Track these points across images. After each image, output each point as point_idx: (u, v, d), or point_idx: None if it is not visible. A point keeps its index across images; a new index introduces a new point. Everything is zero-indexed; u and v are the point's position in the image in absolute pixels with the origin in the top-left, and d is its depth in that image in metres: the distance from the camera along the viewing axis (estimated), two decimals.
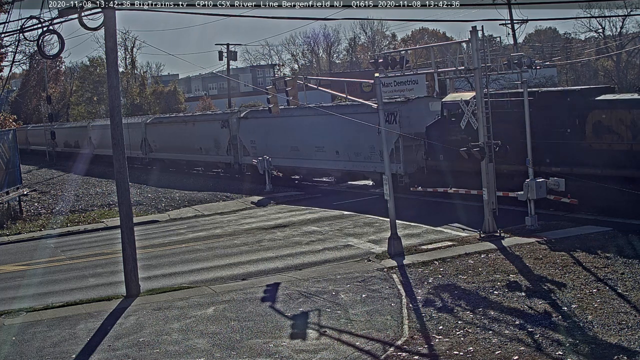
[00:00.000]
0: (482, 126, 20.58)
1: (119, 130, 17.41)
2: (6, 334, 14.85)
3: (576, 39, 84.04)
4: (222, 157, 42.51)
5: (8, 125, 38.06)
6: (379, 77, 21.05)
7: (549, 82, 54.08)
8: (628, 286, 14.77)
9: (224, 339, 13.56)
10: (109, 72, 17.62)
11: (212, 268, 20.17)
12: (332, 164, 34.15)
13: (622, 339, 11.94)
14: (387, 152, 20.09)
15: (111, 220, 29.14)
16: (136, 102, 79.42)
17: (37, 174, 54.61)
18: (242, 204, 32.05)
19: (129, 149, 53.77)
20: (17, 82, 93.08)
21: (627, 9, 68.22)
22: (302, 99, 27.01)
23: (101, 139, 55.62)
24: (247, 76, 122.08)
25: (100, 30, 17.15)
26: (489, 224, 20.64)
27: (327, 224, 25.34)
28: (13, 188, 33.03)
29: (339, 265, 18.89)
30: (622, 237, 18.85)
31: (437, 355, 12.07)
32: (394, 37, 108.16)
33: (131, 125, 53.26)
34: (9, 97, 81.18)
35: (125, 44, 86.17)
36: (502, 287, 15.49)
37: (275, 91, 25.60)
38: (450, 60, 22.39)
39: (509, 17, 50.67)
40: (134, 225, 17.81)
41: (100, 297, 17.47)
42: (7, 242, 27.01)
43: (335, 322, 14.18)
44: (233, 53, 69.49)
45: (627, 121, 21.73)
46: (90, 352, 13.42)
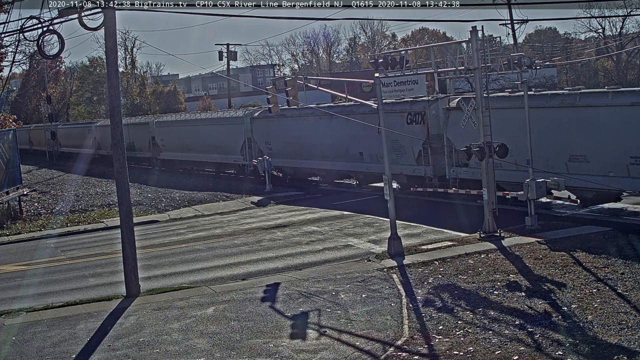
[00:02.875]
0: (481, 126, 20.57)
1: (118, 130, 17.41)
2: (6, 334, 14.85)
3: (576, 39, 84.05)
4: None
5: (8, 125, 38.03)
6: (379, 77, 21.04)
7: (549, 82, 54.08)
8: (628, 286, 14.77)
9: (224, 339, 13.56)
10: (109, 72, 17.62)
11: (212, 268, 20.17)
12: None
13: (622, 339, 11.93)
14: (387, 152, 20.04)
15: (111, 220, 29.14)
16: (136, 102, 79.40)
17: (37, 174, 54.59)
18: (242, 204, 32.05)
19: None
20: (17, 82, 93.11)
21: (627, 9, 68.24)
22: (302, 99, 27.08)
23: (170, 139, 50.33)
24: (247, 76, 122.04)
25: (100, 30, 17.17)
26: (489, 224, 20.64)
27: (327, 224, 25.34)
28: (13, 188, 33.04)
29: (339, 265, 18.88)
30: (622, 237, 18.85)
31: (437, 355, 12.07)
32: (394, 37, 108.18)
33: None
34: (9, 97, 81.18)
35: (125, 44, 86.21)
36: (502, 287, 15.49)
37: (275, 91, 25.63)
38: (450, 60, 22.39)
39: (509, 17, 50.74)
40: (134, 225, 17.81)
41: (100, 297, 17.47)
42: (7, 242, 27.02)
43: (335, 322, 14.17)
44: (233, 53, 69.48)
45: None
46: (90, 352, 13.42)
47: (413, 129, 28.02)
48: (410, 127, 28.13)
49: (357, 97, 26.98)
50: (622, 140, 21.02)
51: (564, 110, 22.70)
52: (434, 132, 27.66)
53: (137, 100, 79.97)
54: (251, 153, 38.97)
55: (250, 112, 40.17)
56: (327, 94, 31.59)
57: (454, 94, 30.22)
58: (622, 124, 21.08)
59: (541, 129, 22.58)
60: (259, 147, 38.54)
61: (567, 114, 22.57)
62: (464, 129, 22.61)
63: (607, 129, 21.49)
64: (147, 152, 51.65)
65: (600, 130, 21.65)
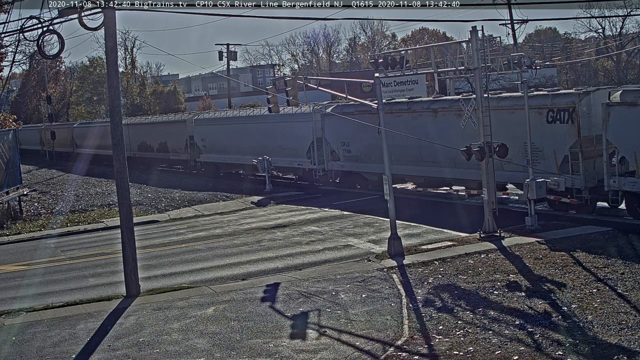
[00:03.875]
0: (481, 126, 20.57)
1: (119, 130, 17.40)
2: (6, 334, 14.84)
3: (576, 39, 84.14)
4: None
5: (8, 125, 38.06)
6: (379, 77, 21.04)
7: (548, 82, 54.07)
8: (628, 286, 14.77)
9: (224, 339, 13.56)
10: (109, 72, 17.62)
11: (212, 268, 20.17)
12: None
13: (622, 339, 11.93)
14: (387, 152, 20.03)
15: (111, 220, 29.14)
16: (136, 102, 79.41)
17: (37, 174, 54.58)
18: (242, 204, 32.05)
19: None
20: (17, 82, 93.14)
21: (627, 9, 68.30)
22: (302, 98, 27.01)
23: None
24: (247, 76, 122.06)
25: (100, 30, 17.18)
26: (489, 224, 20.64)
27: (327, 224, 25.34)
28: (13, 188, 33.04)
29: (339, 265, 18.88)
30: (622, 237, 18.86)
31: (437, 355, 12.07)
32: (394, 37, 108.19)
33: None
34: (9, 97, 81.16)
35: (125, 44, 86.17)
36: (502, 287, 15.49)
37: (275, 91, 25.61)
38: (450, 60, 22.38)
39: (509, 17, 50.69)
40: (134, 225, 17.81)
41: (100, 297, 17.47)
42: (7, 242, 27.01)
43: (335, 322, 14.17)
44: (233, 53, 69.46)
45: None
46: (90, 352, 13.42)
47: (555, 129, 23.09)
48: (552, 127, 23.17)
49: (357, 97, 26.97)
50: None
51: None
52: (586, 134, 22.60)
53: (137, 100, 79.97)
54: (321, 155, 34.13)
55: (321, 108, 34.44)
56: (327, 94, 31.40)
57: (611, 85, 25.63)
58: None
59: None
60: (332, 148, 33.44)
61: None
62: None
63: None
64: (183, 154, 46.46)
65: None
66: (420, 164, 28.31)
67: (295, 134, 35.40)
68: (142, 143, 52.64)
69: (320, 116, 33.83)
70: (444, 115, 27.25)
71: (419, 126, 27.93)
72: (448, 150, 24.42)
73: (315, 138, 34.08)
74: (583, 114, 22.45)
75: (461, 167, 25.22)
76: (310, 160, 34.79)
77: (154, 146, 50.90)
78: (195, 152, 45.05)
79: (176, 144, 47.09)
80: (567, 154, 22.87)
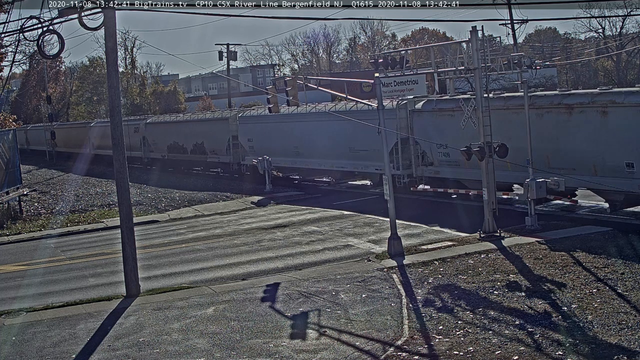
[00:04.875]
0: (481, 126, 20.57)
1: (119, 130, 17.40)
2: (6, 334, 14.85)
3: (576, 39, 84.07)
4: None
5: (8, 125, 38.04)
6: (379, 77, 21.05)
7: (549, 82, 54.08)
8: (628, 286, 14.77)
9: (224, 339, 13.56)
10: (109, 72, 17.62)
11: (212, 268, 20.17)
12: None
13: (622, 339, 11.93)
14: (387, 152, 20.02)
15: (111, 220, 29.14)
16: (136, 102, 79.45)
17: (37, 174, 54.58)
18: (242, 204, 32.05)
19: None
20: (17, 82, 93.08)
21: (627, 9, 68.24)
22: (302, 98, 26.95)
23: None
24: (247, 76, 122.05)
25: (100, 30, 17.18)
26: (489, 224, 20.63)
27: (327, 224, 25.34)
28: (13, 188, 33.04)
29: (339, 265, 18.88)
30: (622, 237, 18.85)
31: (437, 355, 12.07)
32: (394, 37, 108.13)
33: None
34: (9, 97, 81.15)
35: (125, 44, 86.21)
36: (502, 287, 15.48)
37: (275, 91, 25.62)
38: (450, 60, 22.38)
39: (509, 17, 50.68)
40: (134, 225, 17.81)
41: (100, 297, 17.47)
42: (7, 242, 27.02)
43: (335, 322, 14.17)
44: (233, 53, 69.47)
45: None
46: (90, 352, 13.42)
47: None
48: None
49: (357, 97, 26.96)
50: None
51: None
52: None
53: (137, 100, 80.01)
54: (409, 159, 28.91)
55: (407, 102, 29.27)
56: (328, 94, 31.28)
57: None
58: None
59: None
60: (424, 150, 28.18)
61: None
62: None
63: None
64: (224, 156, 41.87)
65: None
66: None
67: (372, 134, 25.63)
68: (173, 144, 47.88)
69: (405, 113, 28.76)
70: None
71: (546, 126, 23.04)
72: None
73: (399, 139, 28.29)
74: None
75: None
76: (392, 164, 27.10)
77: (187, 147, 46.09)
78: (239, 154, 40.43)
79: (215, 145, 42.38)
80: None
